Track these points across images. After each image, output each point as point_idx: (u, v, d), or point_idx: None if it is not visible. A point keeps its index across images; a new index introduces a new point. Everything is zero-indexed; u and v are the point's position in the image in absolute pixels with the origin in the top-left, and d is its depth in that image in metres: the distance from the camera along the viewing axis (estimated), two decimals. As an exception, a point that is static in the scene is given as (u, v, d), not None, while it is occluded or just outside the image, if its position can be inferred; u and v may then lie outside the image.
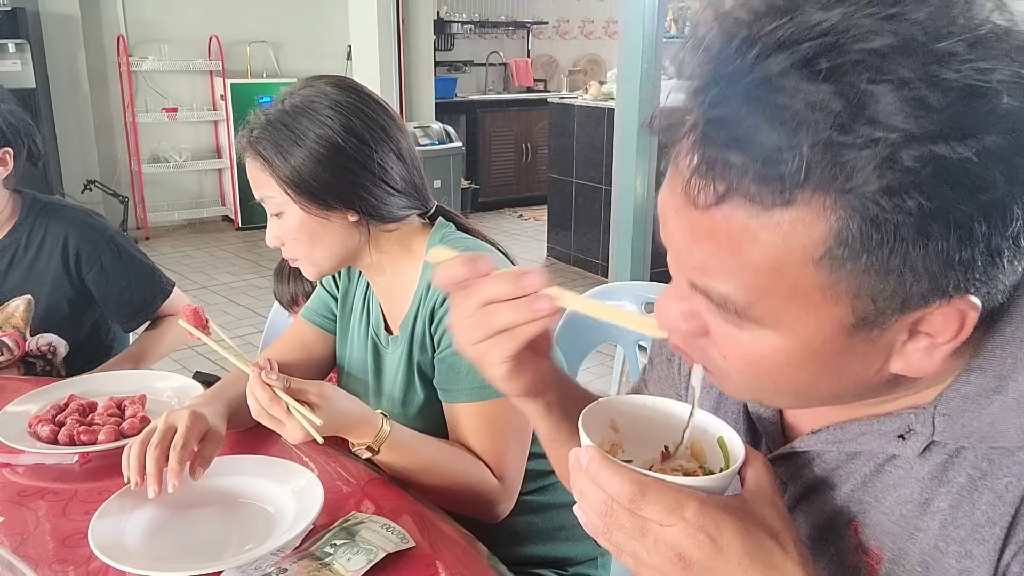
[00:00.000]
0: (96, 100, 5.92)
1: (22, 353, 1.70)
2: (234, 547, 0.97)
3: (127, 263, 1.76)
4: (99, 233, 1.75)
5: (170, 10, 6.14)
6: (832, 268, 0.49)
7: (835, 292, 0.50)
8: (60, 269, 1.71)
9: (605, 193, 4.74)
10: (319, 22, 6.65)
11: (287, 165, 1.13)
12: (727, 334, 0.55)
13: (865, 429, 0.61)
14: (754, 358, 0.55)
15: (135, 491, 1.03)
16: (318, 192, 1.14)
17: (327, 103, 1.15)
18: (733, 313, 0.53)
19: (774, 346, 0.54)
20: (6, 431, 1.21)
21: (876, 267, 0.48)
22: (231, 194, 6.38)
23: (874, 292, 0.49)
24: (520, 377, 0.70)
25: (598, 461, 0.54)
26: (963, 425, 0.56)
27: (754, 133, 0.47)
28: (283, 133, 1.14)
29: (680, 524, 0.52)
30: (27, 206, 1.73)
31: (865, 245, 0.47)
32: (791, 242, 0.48)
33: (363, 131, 1.15)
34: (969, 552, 0.56)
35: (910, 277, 0.48)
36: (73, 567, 0.94)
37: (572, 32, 8.28)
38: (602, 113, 4.92)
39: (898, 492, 0.59)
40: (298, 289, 1.65)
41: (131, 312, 1.79)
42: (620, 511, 0.54)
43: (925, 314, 0.51)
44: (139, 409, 1.29)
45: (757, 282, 0.51)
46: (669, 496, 0.53)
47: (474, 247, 1.21)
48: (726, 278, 0.52)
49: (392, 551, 0.93)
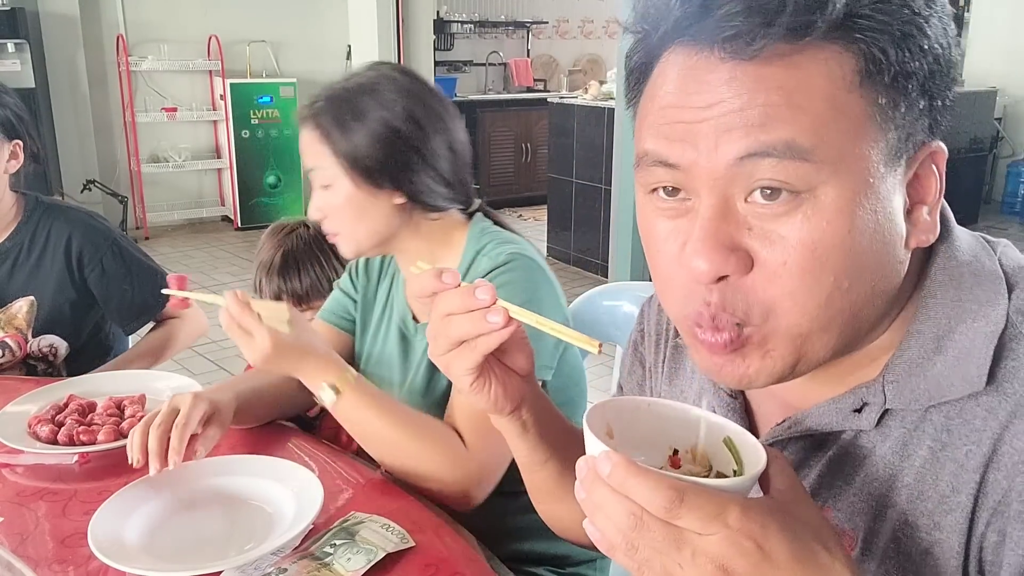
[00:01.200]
0: (95, 100, 5.92)
1: (24, 354, 1.70)
2: (234, 547, 0.96)
3: (129, 265, 1.76)
4: (101, 235, 1.75)
5: (169, 10, 6.14)
6: (871, 88, 0.53)
7: (877, 115, 0.53)
8: (63, 271, 1.71)
9: (605, 193, 4.74)
10: (319, 22, 6.65)
11: (345, 139, 1.16)
12: (782, 234, 0.54)
13: (824, 410, 0.62)
14: (818, 242, 0.53)
15: (135, 491, 1.03)
16: (371, 169, 1.17)
17: (392, 87, 1.18)
18: (798, 161, 0.52)
19: (833, 210, 0.53)
20: (6, 431, 1.21)
21: (903, 84, 0.53)
22: (231, 194, 6.39)
23: (896, 118, 0.54)
24: (488, 390, 0.71)
25: (625, 467, 0.48)
26: (911, 390, 0.58)
27: None
28: (345, 108, 1.17)
29: (723, 531, 0.47)
30: (30, 208, 1.73)
31: (893, 67, 0.53)
32: (834, 72, 0.52)
33: (422, 118, 1.18)
34: (937, 524, 0.56)
35: (912, 111, 0.54)
36: (73, 567, 0.94)
37: (572, 32, 8.28)
38: (602, 113, 4.91)
39: (865, 471, 0.60)
40: (284, 287, 1.61)
41: (132, 314, 1.78)
42: (652, 522, 0.48)
43: (918, 166, 0.56)
44: (139, 409, 1.29)
45: (818, 117, 0.52)
46: (710, 501, 0.48)
47: (509, 240, 1.22)
48: (787, 124, 0.52)
49: (392, 551, 0.93)
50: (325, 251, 1.61)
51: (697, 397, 0.75)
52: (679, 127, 0.55)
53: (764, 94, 0.52)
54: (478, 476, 1.11)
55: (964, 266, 0.60)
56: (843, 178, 0.53)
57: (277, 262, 1.59)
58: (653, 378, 0.83)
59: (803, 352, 0.57)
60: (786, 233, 0.54)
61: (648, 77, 0.59)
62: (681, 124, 0.55)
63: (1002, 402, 0.55)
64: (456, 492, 1.11)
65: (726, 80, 0.53)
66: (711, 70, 0.53)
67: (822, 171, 0.52)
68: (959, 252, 0.61)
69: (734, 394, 0.71)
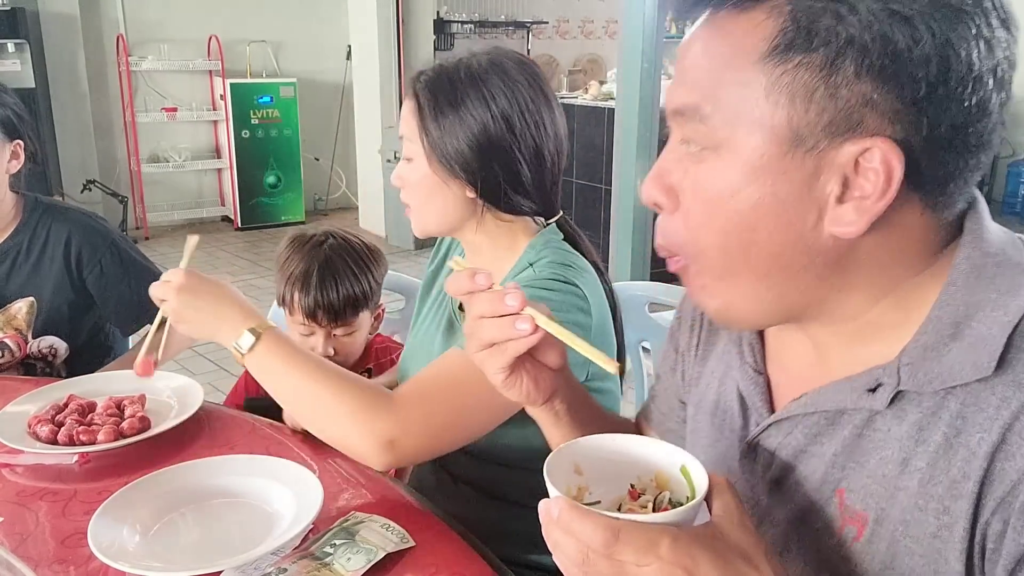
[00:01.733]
0: (95, 100, 5.92)
1: (23, 355, 1.70)
2: (234, 547, 0.96)
3: (128, 266, 1.75)
4: (101, 236, 1.75)
5: (170, 10, 6.14)
6: (775, 64, 0.56)
7: (775, 94, 0.56)
8: (62, 271, 1.71)
9: (605, 193, 4.74)
10: (319, 22, 6.65)
11: (435, 123, 1.15)
12: (691, 180, 0.62)
13: (839, 388, 0.65)
14: (711, 194, 0.61)
15: (135, 491, 1.03)
16: (449, 159, 1.15)
17: (499, 83, 1.14)
18: (697, 122, 0.60)
19: (726, 171, 0.60)
20: (6, 431, 1.21)
21: (809, 71, 0.55)
22: (231, 194, 6.38)
23: (807, 100, 0.56)
24: (520, 385, 0.75)
25: (568, 511, 0.55)
26: (925, 372, 0.60)
27: None
28: (446, 89, 1.15)
29: (656, 562, 0.53)
30: (29, 208, 1.73)
31: (802, 46, 0.55)
32: (745, 41, 0.57)
33: (517, 123, 1.15)
34: (947, 508, 0.58)
35: (838, 97, 0.55)
36: (73, 567, 0.94)
37: (572, 32, 8.28)
38: (602, 113, 4.91)
39: (880, 454, 0.62)
40: (321, 301, 1.52)
41: (131, 315, 1.77)
42: (596, 558, 0.54)
43: (860, 157, 0.56)
44: (139, 409, 1.29)
45: (714, 81, 0.59)
46: (642, 536, 0.54)
47: (566, 262, 1.17)
48: (695, 87, 0.60)
49: (392, 551, 0.93)
50: (360, 263, 1.58)
51: (723, 375, 0.79)
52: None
53: (694, 58, 0.61)
54: (403, 426, 1.04)
55: (989, 257, 0.61)
56: (737, 145, 0.59)
57: (315, 277, 1.53)
58: (685, 361, 0.88)
59: (729, 298, 0.65)
60: (694, 181, 0.62)
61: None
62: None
63: (1016, 392, 0.56)
64: (376, 441, 1.04)
65: (694, 37, 0.62)
66: (699, 26, 0.62)
67: (719, 133, 0.59)
68: (985, 244, 0.61)
69: (759, 369, 0.74)
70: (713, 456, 0.79)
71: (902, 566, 0.60)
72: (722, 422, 0.78)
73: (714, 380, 0.81)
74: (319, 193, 6.96)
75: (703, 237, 0.63)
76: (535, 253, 1.19)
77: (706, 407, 0.81)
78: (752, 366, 0.75)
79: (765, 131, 0.57)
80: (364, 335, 1.62)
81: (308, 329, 1.55)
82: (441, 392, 1.07)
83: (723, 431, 0.78)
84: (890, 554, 0.61)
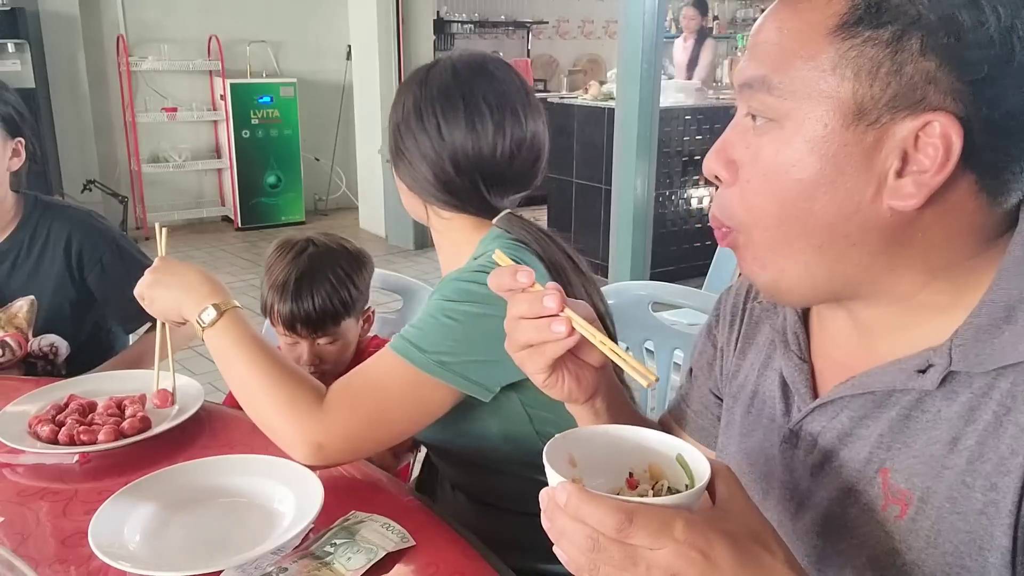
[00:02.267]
0: (96, 100, 5.92)
1: (24, 353, 1.70)
2: (234, 547, 0.96)
3: (128, 265, 1.75)
4: (101, 234, 1.75)
5: (170, 10, 6.15)
6: (843, 39, 0.58)
7: (842, 68, 0.59)
8: (63, 270, 1.71)
9: (605, 193, 4.74)
10: (319, 22, 6.65)
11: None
12: (752, 152, 0.64)
13: (889, 370, 0.65)
14: (771, 164, 0.62)
15: (135, 491, 1.03)
16: (392, 156, 1.22)
17: (427, 79, 1.17)
18: (764, 93, 0.62)
19: (789, 141, 0.61)
20: (6, 431, 1.21)
21: (876, 46, 0.57)
22: (231, 194, 6.38)
23: (872, 75, 0.58)
24: (561, 384, 0.74)
25: (577, 495, 0.54)
26: (976, 354, 0.61)
27: None
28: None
29: (671, 545, 0.52)
30: (30, 207, 1.73)
31: (871, 22, 0.57)
32: (815, 16, 0.60)
33: (426, 118, 1.15)
34: (995, 485, 0.59)
35: (902, 73, 0.57)
36: (73, 567, 0.94)
37: (572, 32, 8.28)
38: (602, 113, 4.91)
39: (927, 434, 0.63)
40: (297, 312, 1.50)
41: (131, 313, 1.76)
42: (607, 543, 0.53)
43: (920, 131, 0.58)
44: (139, 409, 1.29)
45: (783, 53, 0.61)
46: (655, 519, 0.53)
47: (511, 254, 1.16)
48: (765, 60, 0.62)
49: (392, 550, 0.93)
50: (339, 271, 1.54)
51: (763, 366, 0.80)
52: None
53: (769, 31, 0.63)
54: (329, 431, 1.05)
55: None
56: (801, 117, 0.61)
57: (291, 286, 1.50)
58: (724, 357, 0.89)
59: (779, 270, 0.66)
60: (755, 153, 0.64)
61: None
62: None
63: None
64: (304, 443, 1.05)
65: (763, 19, 0.65)
66: (769, 10, 0.65)
67: (783, 105, 0.61)
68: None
69: (803, 357, 0.75)
70: (746, 447, 0.80)
71: (946, 543, 0.61)
72: (760, 412, 0.79)
73: (752, 372, 0.82)
74: (319, 193, 6.96)
75: (761, 206, 0.64)
76: (482, 249, 1.20)
77: (743, 399, 0.82)
78: (797, 354, 0.75)
79: (830, 103, 0.59)
80: (351, 342, 1.58)
81: (292, 339, 1.52)
82: (367, 393, 1.08)
83: (760, 420, 0.79)
84: (935, 531, 0.62)
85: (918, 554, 0.62)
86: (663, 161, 4.65)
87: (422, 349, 1.06)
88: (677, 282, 1.94)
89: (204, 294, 1.14)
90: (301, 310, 1.48)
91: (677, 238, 4.98)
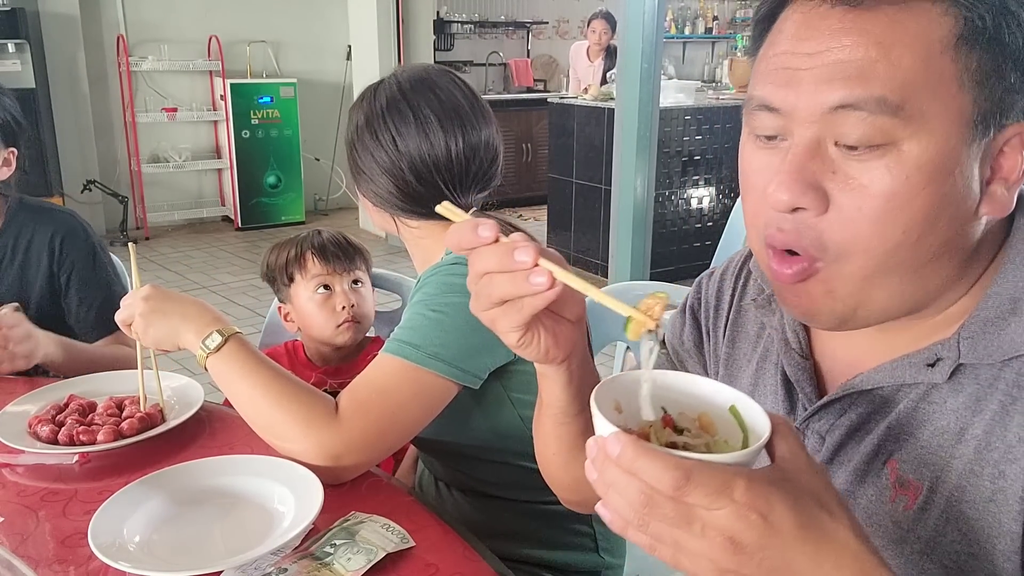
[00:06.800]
0: (96, 100, 5.92)
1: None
2: (234, 547, 0.96)
3: (99, 271, 1.73)
4: (79, 236, 1.73)
5: (170, 10, 6.14)
6: (966, 52, 0.57)
7: (966, 80, 0.57)
8: (48, 271, 1.70)
9: (605, 193, 4.74)
10: (319, 22, 6.65)
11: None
12: (850, 179, 0.59)
13: (898, 365, 0.66)
14: (891, 192, 0.58)
15: (135, 491, 1.03)
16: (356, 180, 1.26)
17: (370, 94, 1.22)
18: (882, 115, 0.57)
19: (913, 165, 0.58)
20: (6, 431, 1.21)
21: (990, 59, 0.57)
22: (231, 194, 6.38)
23: (986, 88, 0.57)
24: (538, 343, 0.67)
25: (633, 447, 0.50)
26: (984, 346, 0.62)
27: None
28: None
29: (730, 506, 0.49)
30: (13, 211, 1.70)
31: (989, 32, 0.57)
32: (933, 32, 0.57)
33: (379, 130, 1.19)
34: (1002, 472, 0.60)
35: (1005, 85, 0.58)
36: (73, 567, 0.94)
37: (572, 32, 8.27)
38: (602, 113, 4.91)
39: (935, 425, 0.64)
40: (317, 239, 1.68)
41: (88, 322, 1.72)
42: (662, 500, 0.50)
43: (1004, 143, 0.59)
44: (138, 409, 1.29)
45: (910, 75, 0.57)
46: (715, 478, 0.49)
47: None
48: (880, 80, 0.57)
49: (392, 551, 0.93)
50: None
51: (761, 359, 0.79)
52: (785, 73, 0.61)
53: (864, 48, 0.57)
54: (346, 442, 1.07)
55: None
56: (927, 136, 0.57)
57: (319, 234, 1.68)
58: (713, 341, 0.88)
59: (864, 298, 0.62)
60: (867, 181, 0.59)
61: (771, 28, 0.64)
62: (788, 70, 0.60)
63: None
64: (324, 456, 1.07)
65: (834, 29, 0.58)
66: (824, 17, 0.59)
67: (907, 127, 0.57)
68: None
69: (804, 354, 0.75)
70: None
71: (954, 532, 0.61)
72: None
73: (748, 365, 0.81)
74: (319, 193, 6.96)
75: (878, 233, 0.59)
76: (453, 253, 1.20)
77: (741, 390, 0.81)
78: (798, 352, 0.75)
79: (954, 120, 0.58)
80: (372, 297, 1.71)
81: (327, 280, 1.63)
82: (374, 399, 1.09)
83: None
84: (943, 520, 0.62)
85: (927, 544, 0.63)
86: (663, 161, 4.65)
87: (415, 345, 1.09)
88: (677, 282, 1.94)
89: (206, 322, 1.15)
90: (334, 241, 1.66)
91: (677, 238, 4.99)
